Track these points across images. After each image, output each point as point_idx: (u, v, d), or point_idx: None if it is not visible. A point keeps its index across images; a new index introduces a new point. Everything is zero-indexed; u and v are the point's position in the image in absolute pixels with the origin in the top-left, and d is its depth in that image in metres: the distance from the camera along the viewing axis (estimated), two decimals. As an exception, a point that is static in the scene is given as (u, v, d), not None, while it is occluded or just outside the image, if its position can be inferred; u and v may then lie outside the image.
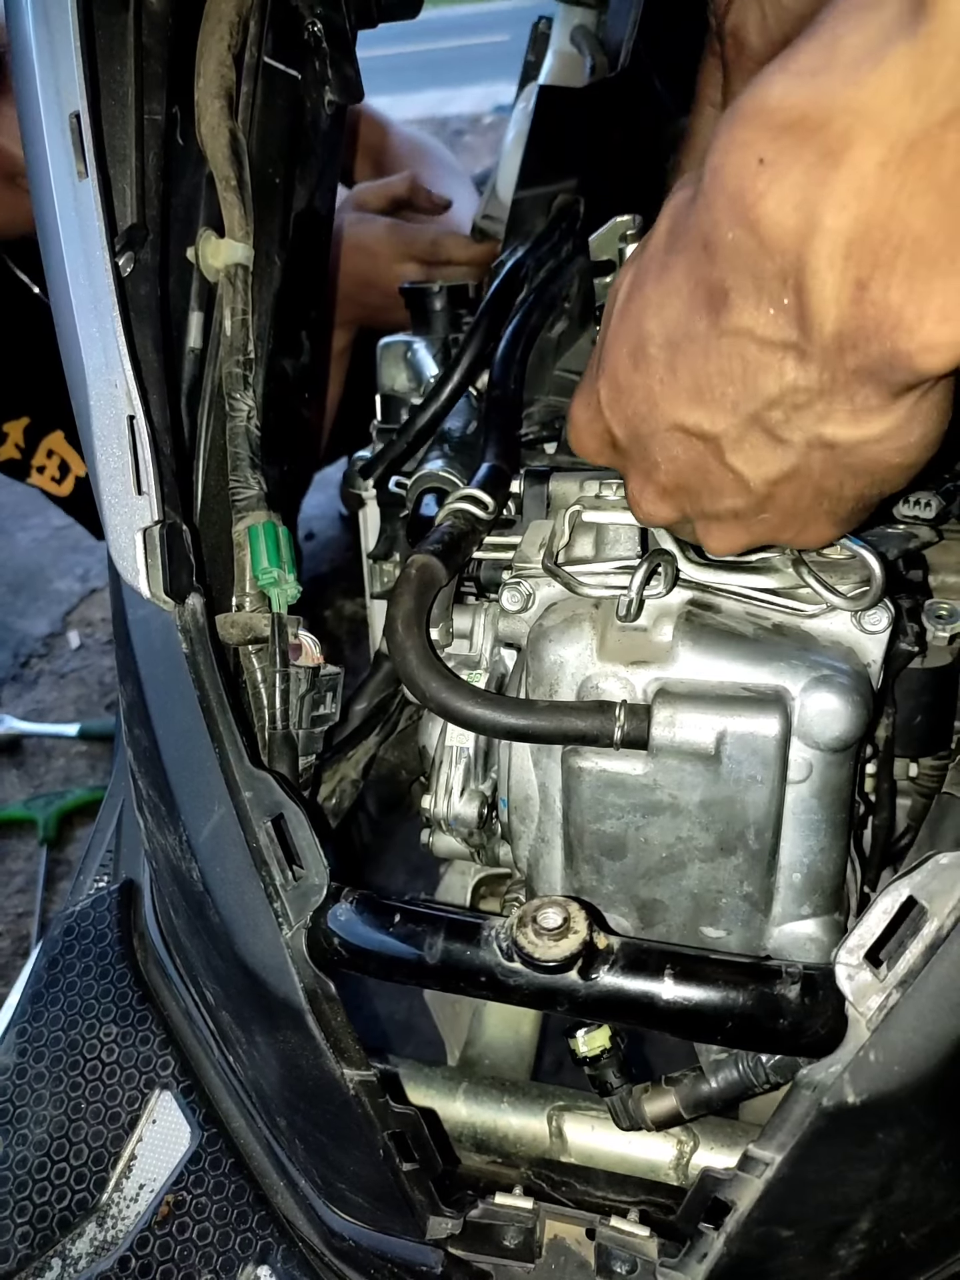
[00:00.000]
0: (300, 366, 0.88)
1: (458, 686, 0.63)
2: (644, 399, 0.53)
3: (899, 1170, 0.55)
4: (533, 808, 0.71)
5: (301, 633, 0.74)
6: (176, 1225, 0.68)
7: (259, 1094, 0.69)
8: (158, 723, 0.66)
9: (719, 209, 0.43)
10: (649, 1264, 0.58)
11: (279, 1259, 0.66)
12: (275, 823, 0.61)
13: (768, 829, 0.64)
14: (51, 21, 0.69)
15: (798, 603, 0.65)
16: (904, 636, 0.68)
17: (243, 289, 0.77)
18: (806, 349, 0.44)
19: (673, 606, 0.66)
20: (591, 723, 0.62)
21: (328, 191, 0.93)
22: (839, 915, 0.68)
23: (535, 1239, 0.62)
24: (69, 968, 0.79)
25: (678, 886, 0.68)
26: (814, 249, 0.40)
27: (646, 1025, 0.56)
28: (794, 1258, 0.57)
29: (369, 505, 0.96)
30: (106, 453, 0.67)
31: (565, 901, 0.56)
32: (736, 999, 0.54)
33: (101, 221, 0.68)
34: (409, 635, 0.65)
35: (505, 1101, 0.77)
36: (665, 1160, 0.73)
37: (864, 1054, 0.51)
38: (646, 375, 0.52)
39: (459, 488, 0.77)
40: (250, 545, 0.73)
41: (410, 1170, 0.60)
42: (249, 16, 0.79)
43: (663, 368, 0.51)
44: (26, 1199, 0.71)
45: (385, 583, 0.94)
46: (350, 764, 0.90)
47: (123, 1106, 0.73)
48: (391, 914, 0.59)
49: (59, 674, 2.30)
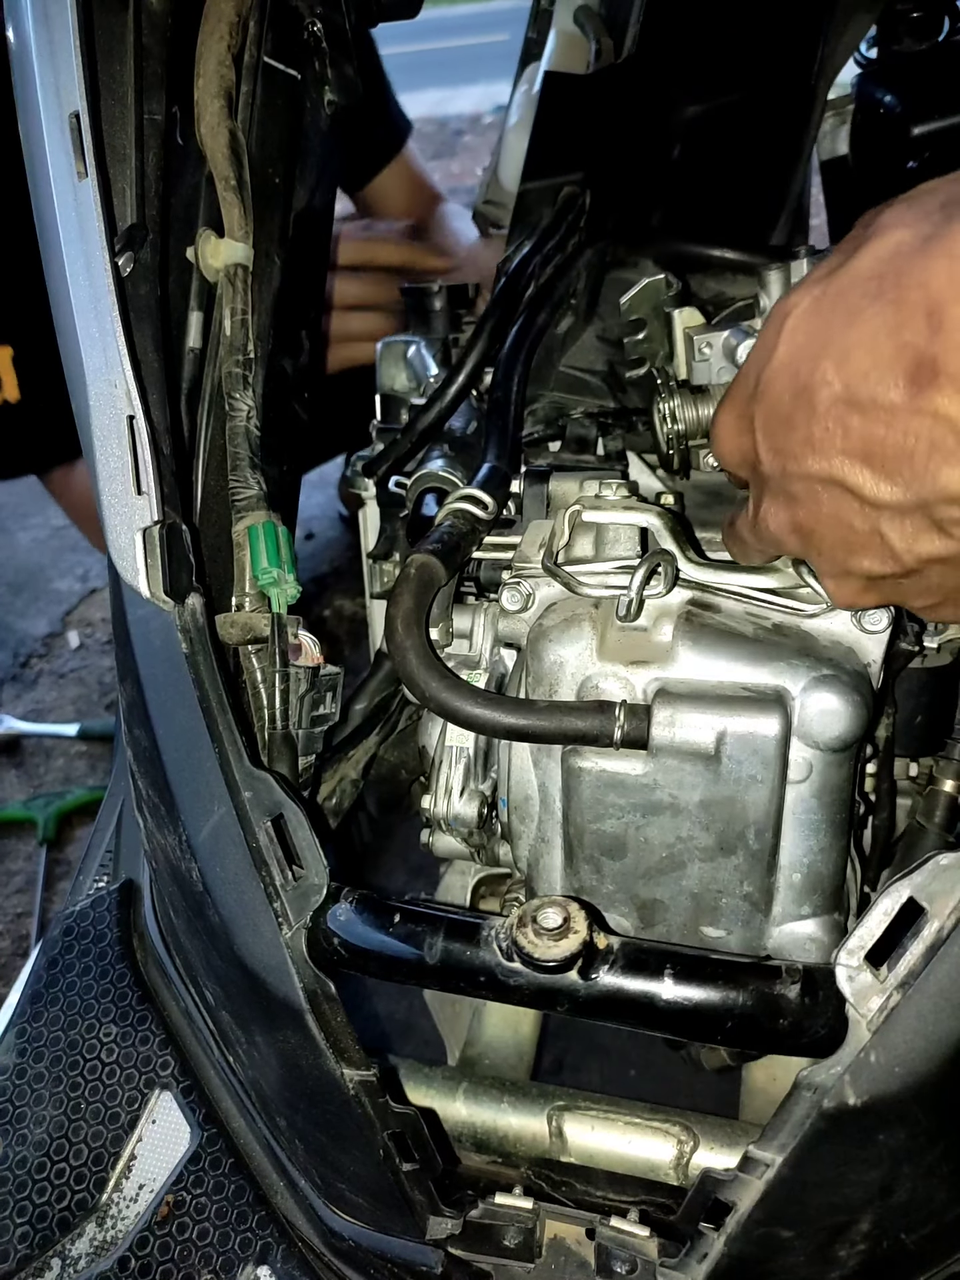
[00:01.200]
0: (300, 366, 0.87)
1: (457, 686, 0.63)
2: (802, 441, 0.50)
3: (900, 1171, 0.54)
4: (533, 808, 0.71)
5: (301, 633, 0.74)
6: (176, 1225, 0.68)
7: (259, 1094, 0.69)
8: (157, 723, 0.66)
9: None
10: (649, 1264, 0.58)
11: (279, 1259, 0.66)
12: (275, 823, 0.61)
13: (768, 829, 0.64)
14: (51, 21, 0.69)
15: (798, 603, 0.65)
16: (904, 636, 0.68)
17: (242, 289, 0.77)
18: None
19: (673, 606, 0.66)
20: (591, 723, 0.62)
21: (328, 191, 0.93)
22: (839, 915, 0.68)
23: (535, 1239, 0.62)
24: (69, 968, 0.79)
25: (678, 886, 0.68)
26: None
27: (646, 1026, 0.56)
28: (794, 1258, 0.57)
29: (369, 505, 0.96)
30: (106, 453, 0.67)
31: (565, 901, 0.56)
32: (736, 999, 0.54)
33: (101, 221, 0.68)
34: (409, 635, 0.65)
35: (505, 1101, 0.77)
36: (665, 1160, 0.73)
37: (865, 1055, 0.51)
38: (810, 421, 0.49)
39: (459, 488, 0.76)
40: (250, 545, 0.73)
41: (410, 1170, 0.60)
42: (249, 16, 0.79)
43: (833, 421, 0.47)
44: (26, 1199, 0.71)
45: (385, 583, 0.94)
46: (350, 764, 0.90)
47: (122, 1106, 0.73)
48: (391, 914, 0.59)
49: (58, 674, 2.30)
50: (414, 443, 0.90)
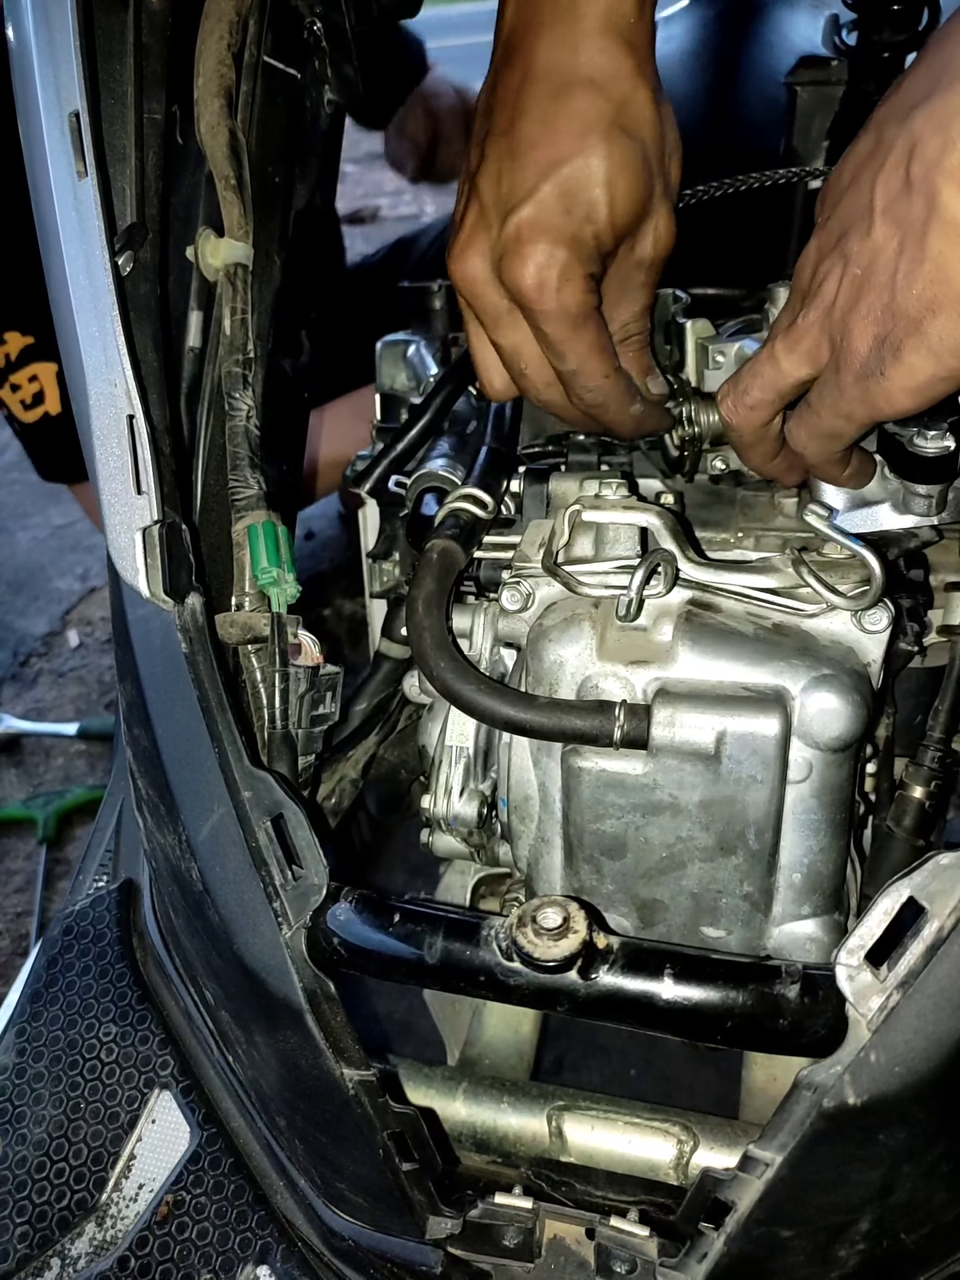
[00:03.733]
0: (300, 366, 0.87)
1: (465, 671, 0.64)
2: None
3: (900, 1171, 0.54)
4: (532, 807, 0.71)
5: (301, 632, 0.74)
6: (176, 1225, 0.68)
7: (259, 1094, 0.69)
8: (157, 722, 0.66)
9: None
10: (649, 1264, 0.58)
11: (278, 1259, 0.66)
12: (275, 822, 0.61)
13: (768, 829, 0.64)
14: (51, 21, 0.68)
15: (798, 602, 0.65)
16: (904, 636, 0.68)
17: (242, 288, 0.77)
18: None
19: (673, 606, 0.66)
20: (591, 722, 0.62)
21: (328, 190, 0.93)
22: (839, 915, 0.68)
23: (535, 1239, 0.62)
24: (68, 967, 0.79)
25: (678, 886, 0.68)
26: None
27: (646, 1026, 0.56)
28: (794, 1258, 0.57)
29: (369, 505, 0.96)
30: (106, 452, 0.67)
31: (565, 901, 0.56)
32: (736, 999, 0.54)
33: (101, 221, 0.67)
34: (428, 616, 0.66)
35: (505, 1101, 0.77)
36: (665, 1160, 0.73)
37: (865, 1055, 0.51)
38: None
39: (459, 487, 0.77)
40: (250, 545, 0.73)
41: (410, 1170, 0.60)
42: (249, 15, 0.79)
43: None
44: (26, 1199, 0.71)
45: (385, 582, 0.94)
46: (350, 764, 0.90)
47: (122, 1106, 0.73)
48: (391, 914, 0.59)
49: (58, 673, 2.30)
50: (406, 446, 0.89)
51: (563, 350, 0.68)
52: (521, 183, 0.64)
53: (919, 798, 0.72)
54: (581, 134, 0.64)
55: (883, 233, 0.53)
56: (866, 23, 1.12)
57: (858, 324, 0.55)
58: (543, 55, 0.64)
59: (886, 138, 0.53)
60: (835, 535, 0.64)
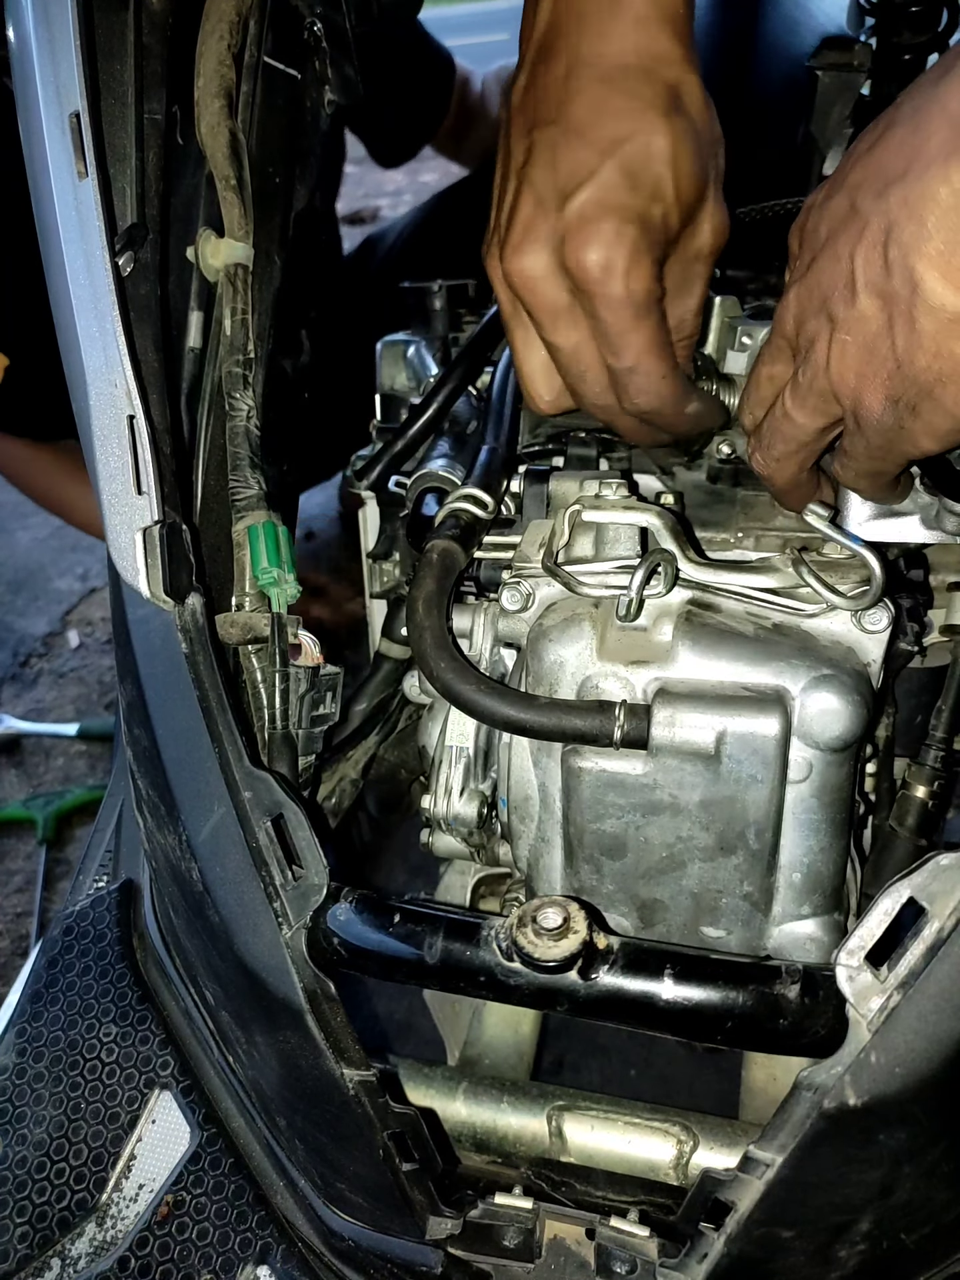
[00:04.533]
0: (300, 366, 0.87)
1: (465, 671, 0.64)
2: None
3: (900, 1171, 0.54)
4: (533, 807, 0.71)
5: (301, 632, 0.74)
6: (176, 1225, 0.68)
7: (259, 1094, 0.69)
8: (157, 722, 0.66)
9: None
10: (649, 1264, 0.58)
11: (278, 1259, 0.66)
12: (275, 822, 0.61)
13: (768, 829, 0.64)
14: (51, 21, 0.68)
15: (798, 602, 0.65)
16: (904, 636, 0.68)
17: (242, 288, 0.77)
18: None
19: (673, 606, 0.66)
20: (591, 722, 0.62)
21: (328, 191, 0.93)
22: (839, 915, 0.68)
23: (535, 1239, 0.62)
24: (68, 967, 0.79)
25: (678, 886, 0.68)
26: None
27: (646, 1026, 0.56)
28: (794, 1258, 0.57)
29: (369, 505, 0.96)
30: (106, 453, 0.67)
31: (565, 901, 0.56)
32: (736, 999, 0.54)
33: (101, 221, 0.68)
34: (429, 616, 0.66)
35: (505, 1101, 0.77)
36: (665, 1160, 0.73)
37: (865, 1055, 0.51)
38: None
39: (459, 487, 0.77)
40: (250, 545, 0.73)
41: (410, 1170, 0.60)
42: (249, 16, 0.79)
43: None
44: (26, 1199, 0.71)
45: (385, 583, 0.94)
46: (350, 764, 0.90)
47: (122, 1106, 0.73)
48: (391, 914, 0.59)
49: (58, 673, 2.30)
50: (406, 445, 0.89)
51: (622, 345, 0.64)
52: (582, 163, 0.61)
53: (922, 797, 0.73)
54: (640, 112, 0.61)
55: (869, 305, 0.52)
56: (885, 26, 1.12)
57: (866, 389, 0.55)
58: (588, 46, 0.62)
59: (862, 210, 0.52)
60: (835, 535, 0.64)
